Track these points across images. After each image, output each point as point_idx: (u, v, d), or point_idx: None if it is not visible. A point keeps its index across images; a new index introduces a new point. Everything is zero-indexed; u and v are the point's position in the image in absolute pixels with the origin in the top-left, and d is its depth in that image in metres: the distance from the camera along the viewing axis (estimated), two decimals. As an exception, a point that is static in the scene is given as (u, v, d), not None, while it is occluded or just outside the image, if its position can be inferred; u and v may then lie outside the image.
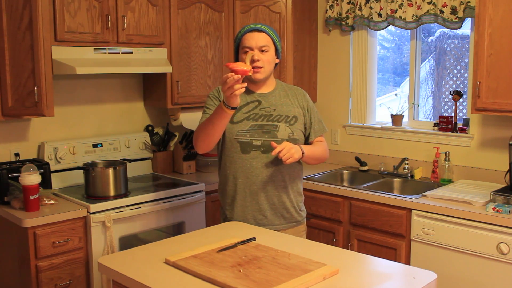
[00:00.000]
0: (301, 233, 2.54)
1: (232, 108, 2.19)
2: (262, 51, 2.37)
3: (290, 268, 1.77)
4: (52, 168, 3.10)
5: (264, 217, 2.44)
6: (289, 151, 2.24)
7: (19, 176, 2.75)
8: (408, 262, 3.00)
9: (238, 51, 2.44)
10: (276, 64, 2.47)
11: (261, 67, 2.38)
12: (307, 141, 2.52)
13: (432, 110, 3.90)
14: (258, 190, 2.41)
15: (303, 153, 2.33)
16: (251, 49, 2.36)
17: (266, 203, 2.43)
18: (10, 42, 2.79)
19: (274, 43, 2.42)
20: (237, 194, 2.44)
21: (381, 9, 3.62)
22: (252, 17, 3.60)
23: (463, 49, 3.66)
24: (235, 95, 2.12)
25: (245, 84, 2.14)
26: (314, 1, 4.07)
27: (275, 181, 2.42)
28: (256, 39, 2.37)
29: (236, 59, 2.47)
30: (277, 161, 2.40)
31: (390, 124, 3.82)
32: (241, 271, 1.75)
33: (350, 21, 3.84)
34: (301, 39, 3.98)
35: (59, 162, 3.21)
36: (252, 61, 2.36)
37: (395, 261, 2.65)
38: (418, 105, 3.77)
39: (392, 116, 3.78)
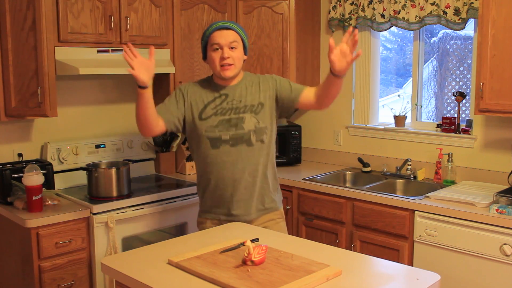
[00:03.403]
0: (277, 220, 2.55)
1: (140, 87, 2.27)
2: (232, 48, 2.41)
3: (293, 269, 1.77)
4: (55, 169, 3.10)
5: (238, 207, 2.45)
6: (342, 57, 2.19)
7: (22, 176, 2.75)
8: (411, 263, 2.99)
9: (207, 48, 2.46)
10: (244, 60, 2.50)
11: (231, 64, 2.41)
12: (295, 101, 2.47)
13: (435, 111, 3.89)
14: (230, 183, 2.43)
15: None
16: (221, 46, 2.40)
17: (238, 194, 2.44)
18: (14, 43, 2.80)
19: (242, 40, 2.45)
20: (209, 187, 2.48)
21: (384, 10, 3.62)
22: (255, 18, 3.61)
23: (466, 50, 3.66)
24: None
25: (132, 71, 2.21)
26: (317, 2, 4.06)
27: (246, 172, 2.43)
28: (225, 36, 2.40)
29: (205, 57, 2.51)
30: (246, 152, 2.42)
31: (393, 125, 3.82)
32: (249, 270, 1.75)
33: (353, 22, 3.84)
34: (304, 40, 3.98)
35: (62, 163, 3.22)
36: (222, 58, 2.40)
37: (398, 262, 2.65)
38: (421, 106, 3.76)
39: (395, 117, 3.78)
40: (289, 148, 3.95)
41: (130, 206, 2.95)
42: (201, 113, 2.45)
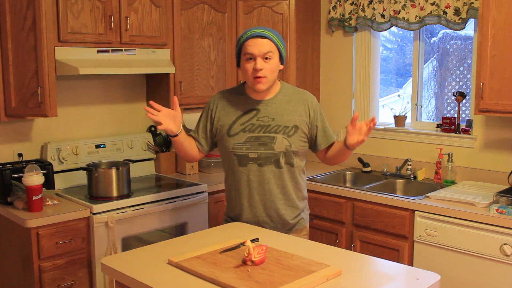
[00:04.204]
0: (303, 237, 2.51)
1: (171, 136, 2.32)
2: (266, 58, 2.27)
3: (293, 269, 1.77)
4: (55, 169, 3.10)
5: (265, 227, 2.41)
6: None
7: (22, 176, 2.75)
8: (411, 263, 2.99)
9: (240, 55, 2.34)
10: (280, 70, 2.37)
11: (264, 77, 2.28)
12: (316, 148, 2.46)
13: (435, 111, 3.89)
14: (256, 203, 2.38)
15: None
16: (254, 56, 2.26)
17: (264, 216, 2.39)
18: (14, 43, 2.80)
19: (278, 49, 2.31)
20: (237, 206, 2.43)
21: (384, 10, 3.62)
22: (255, 18, 3.60)
23: (466, 50, 3.66)
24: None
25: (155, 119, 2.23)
26: (317, 2, 4.07)
27: (273, 194, 2.37)
28: (260, 46, 2.25)
29: (238, 63, 2.38)
30: (273, 174, 2.36)
31: (393, 125, 3.82)
32: (249, 270, 1.75)
33: (353, 22, 3.84)
34: (304, 40, 3.98)
35: (62, 163, 3.22)
36: (255, 70, 2.26)
37: (398, 262, 2.65)
38: (421, 106, 3.77)
39: (395, 117, 3.78)
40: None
41: (130, 206, 2.95)
42: (230, 129, 2.37)
